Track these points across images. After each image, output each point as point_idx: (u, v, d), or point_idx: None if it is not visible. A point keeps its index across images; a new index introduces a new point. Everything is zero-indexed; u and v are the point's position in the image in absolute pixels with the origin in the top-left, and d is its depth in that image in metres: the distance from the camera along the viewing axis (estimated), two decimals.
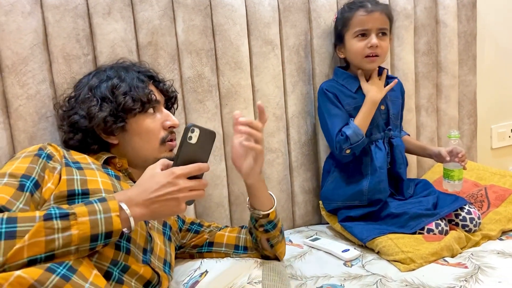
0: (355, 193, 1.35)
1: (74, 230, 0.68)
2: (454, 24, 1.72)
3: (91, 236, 0.69)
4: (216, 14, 1.30)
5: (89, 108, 0.96)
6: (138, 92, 0.98)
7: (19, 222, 0.65)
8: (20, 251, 0.63)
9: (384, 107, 1.39)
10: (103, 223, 0.70)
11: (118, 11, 1.17)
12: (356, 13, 1.31)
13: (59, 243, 0.66)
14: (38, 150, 0.86)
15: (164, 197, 0.76)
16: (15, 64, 1.07)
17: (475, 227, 1.27)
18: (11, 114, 1.08)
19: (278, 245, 1.11)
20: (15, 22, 1.06)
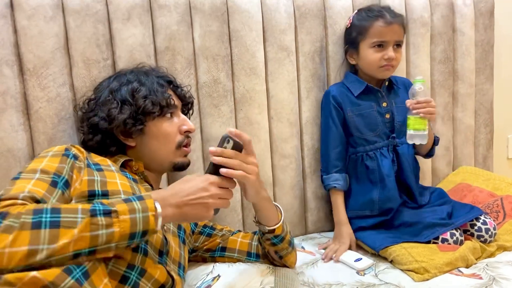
0: (365, 203, 1.35)
1: (116, 227, 0.71)
2: (471, 33, 1.70)
3: (130, 234, 0.72)
4: (233, 20, 1.32)
5: (109, 110, 0.99)
6: (157, 96, 1.01)
7: (63, 213, 0.68)
8: (67, 245, 0.66)
9: (389, 115, 1.38)
10: (141, 222, 0.73)
11: (137, 17, 1.20)
12: (375, 23, 1.30)
13: (102, 239, 0.69)
14: (65, 151, 0.88)
15: (196, 201, 0.80)
16: (36, 67, 1.10)
17: (490, 238, 1.26)
18: (31, 116, 1.11)
19: (287, 257, 1.11)
20: (37, 27, 1.09)
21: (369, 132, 1.37)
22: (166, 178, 1.29)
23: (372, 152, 1.37)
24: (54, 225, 0.66)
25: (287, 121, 1.43)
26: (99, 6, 1.16)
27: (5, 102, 1.08)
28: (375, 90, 1.39)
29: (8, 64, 1.08)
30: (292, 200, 1.47)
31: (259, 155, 1.39)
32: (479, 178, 1.61)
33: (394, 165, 1.39)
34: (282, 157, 1.44)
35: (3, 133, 1.08)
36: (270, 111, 1.41)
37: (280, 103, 1.42)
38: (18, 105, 1.09)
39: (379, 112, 1.38)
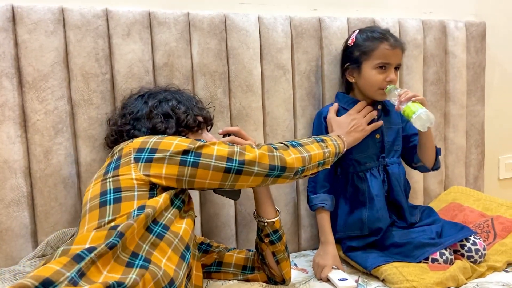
0: (354, 223, 1.35)
1: (330, 147, 1.13)
2: (463, 56, 1.74)
3: (335, 152, 1.14)
4: (231, 38, 1.34)
5: (155, 124, 1.07)
6: (196, 112, 1.13)
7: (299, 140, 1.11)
8: (316, 155, 1.07)
9: (379, 136, 1.40)
10: (339, 147, 1.17)
11: (137, 33, 1.22)
12: (380, 46, 1.32)
13: (327, 154, 1.10)
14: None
15: (354, 127, 1.30)
16: (35, 80, 1.11)
17: (480, 258, 1.27)
18: (29, 128, 1.12)
19: (283, 263, 1.12)
20: (38, 41, 1.11)
21: (359, 153, 1.37)
22: None
23: (362, 172, 1.38)
24: (303, 144, 1.08)
25: (282, 138, 1.45)
26: (99, 22, 1.18)
27: (3, 114, 1.08)
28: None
29: (8, 76, 1.09)
30: (285, 217, 1.48)
31: None
32: (470, 198, 1.63)
33: (385, 185, 1.40)
34: None
35: (0, 144, 1.08)
36: (266, 128, 1.43)
37: (275, 120, 1.44)
38: (16, 117, 1.10)
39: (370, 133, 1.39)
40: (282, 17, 1.42)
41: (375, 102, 1.42)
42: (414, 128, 1.37)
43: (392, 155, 1.42)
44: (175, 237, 0.86)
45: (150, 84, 1.23)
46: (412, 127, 1.39)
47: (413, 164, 1.49)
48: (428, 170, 1.47)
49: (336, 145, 1.16)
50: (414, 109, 1.23)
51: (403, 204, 1.40)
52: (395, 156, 1.43)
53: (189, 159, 0.91)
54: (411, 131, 1.46)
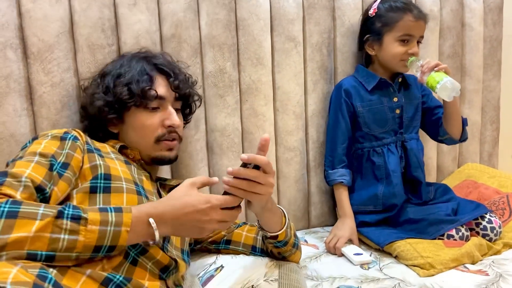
0: (369, 198, 1.33)
1: (81, 236, 0.66)
2: (480, 28, 1.68)
3: (95, 246, 0.68)
4: (240, 8, 1.30)
5: (93, 95, 1.00)
6: (137, 85, 0.97)
7: (23, 205, 0.65)
8: (23, 240, 0.62)
9: (399, 110, 1.37)
10: (111, 236, 0.69)
11: (144, 2, 1.17)
12: (404, 17, 1.27)
13: (63, 245, 0.65)
14: (64, 133, 0.87)
15: (192, 222, 0.76)
16: (40, 51, 1.08)
17: (495, 236, 1.24)
18: (35, 101, 1.09)
19: (291, 257, 1.09)
20: (42, 10, 1.07)
21: (377, 128, 1.36)
22: (170, 167, 1.27)
23: (379, 148, 1.36)
24: (11, 215, 0.63)
25: (292, 114, 1.41)
26: None
27: (8, 86, 1.06)
28: (387, 84, 1.37)
29: (12, 47, 1.06)
30: (295, 194, 1.45)
31: None
32: (484, 175, 1.59)
33: (402, 161, 1.37)
34: (287, 150, 1.42)
35: (6, 117, 1.06)
36: (276, 103, 1.39)
37: (286, 95, 1.40)
38: (22, 89, 1.07)
39: (389, 107, 1.36)
40: None
41: (395, 74, 1.38)
42: (437, 100, 1.33)
43: (410, 131, 1.39)
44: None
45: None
46: (435, 99, 1.35)
47: (439, 138, 1.45)
48: (456, 142, 1.43)
49: (109, 233, 0.68)
50: (438, 79, 1.18)
51: (421, 179, 1.39)
52: (414, 132, 1.41)
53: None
54: (434, 103, 1.43)
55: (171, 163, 1.07)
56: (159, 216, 0.74)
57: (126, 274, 0.75)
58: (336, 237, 1.27)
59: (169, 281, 0.85)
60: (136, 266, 0.79)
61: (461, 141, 1.42)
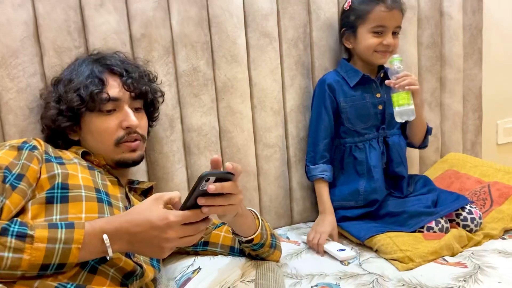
0: (351, 193, 1.33)
1: (26, 255, 0.65)
2: (459, 17, 1.67)
3: (42, 264, 0.66)
4: (212, 5, 1.27)
5: (46, 104, 1.00)
6: (86, 90, 0.95)
7: None
8: None
9: (382, 106, 1.36)
10: (59, 253, 0.67)
11: (111, 3, 1.15)
12: (375, 8, 1.26)
13: (6, 263, 0.64)
14: (22, 143, 0.86)
15: (149, 240, 0.72)
16: (5, 57, 1.06)
17: (476, 227, 1.24)
18: (1, 107, 1.07)
19: (270, 257, 1.08)
20: (4, 14, 1.05)
21: (360, 123, 1.35)
22: (146, 169, 1.26)
23: (361, 143, 1.35)
24: None
25: (270, 110, 1.40)
26: None
27: None
28: (370, 80, 1.36)
29: None
30: (277, 190, 1.44)
31: (242, 145, 1.36)
32: (466, 165, 1.59)
33: (384, 157, 1.37)
34: (266, 147, 1.41)
35: None
36: (253, 100, 1.38)
37: (263, 91, 1.38)
38: None
39: (372, 103, 1.35)
40: None
41: (378, 68, 1.37)
42: None
43: (392, 126, 1.39)
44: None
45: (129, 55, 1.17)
46: None
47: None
48: (415, 147, 1.47)
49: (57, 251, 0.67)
50: (401, 102, 1.24)
51: (403, 174, 1.39)
52: (396, 127, 1.40)
53: None
54: None
55: (136, 165, 1.04)
56: (114, 232, 0.71)
57: (84, 282, 0.74)
58: (317, 233, 1.26)
59: (132, 286, 0.84)
60: (96, 274, 0.77)
61: (420, 147, 1.46)
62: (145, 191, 1.11)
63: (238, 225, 0.96)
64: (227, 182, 0.77)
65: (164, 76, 1.23)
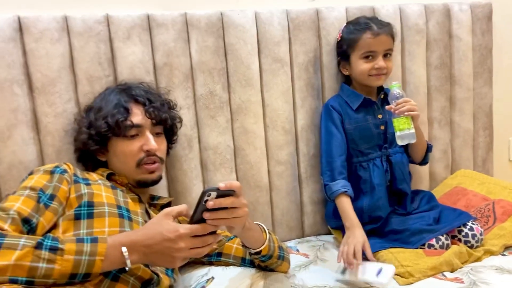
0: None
1: (57, 265, 0.76)
2: (468, 38, 1.72)
3: (70, 274, 0.77)
4: (228, 35, 1.39)
5: (79, 129, 1.15)
6: (113, 118, 1.09)
7: (7, 237, 0.77)
8: (5, 268, 0.73)
9: (384, 127, 1.43)
10: (85, 265, 0.78)
11: (137, 36, 1.28)
12: (362, 36, 1.35)
13: (41, 272, 0.75)
14: (54, 168, 1.00)
15: (162, 251, 0.82)
16: (44, 85, 1.20)
17: (477, 243, 1.29)
18: (41, 130, 1.21)
19: (278, 268, 1.17)
20: (44, 48, 1.19)
21: (363, 144, 1.42)
22: (167, 185, 1.37)
23: (365, 163, 1.42)
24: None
25: (282, 129, 1.49)
26: (101, 27, 1.24)
27: (16, 118, 1.18)
28: (371, 103, 1.43)
29: (19, 83, 1.17)
30: (288, 205, 1.53)
31: (255, 162, 1.46)
32: (474, 182, 1.63)
33: (387, 175, 1.43)
34: (278, 164, 1.50)
35: (15, 146, 1.18)
36: (266, 120, 1.48)
37: (275, 112, 1.48)
38: (28, 120, 1.19)
39: (374, 124, 1.42)
40: (279, 11, 1.45)
41: (377, 90, 1.45)
42: None
43: (395, 145, 1.44)
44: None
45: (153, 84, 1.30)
46: None
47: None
48: (415, 163, 1.52)
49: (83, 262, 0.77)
50: (402, 127, 1.30)
51: (406, 191, 1.44)
52: (398, 146, 1.46)
53: None
54: None
55: (155, 184, 1.16)
56: (131, 245, 0.82)
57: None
58: (351, 245, 1.21)
59: None
60: (118, 282, 0.89)
61: (420, 164, 1.51)
62: (164, 206, 1.23)
63: (246, 238, 1.05)
64: (227, 197, 0.85)
65: (184, 100, 1.35)
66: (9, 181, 1.18)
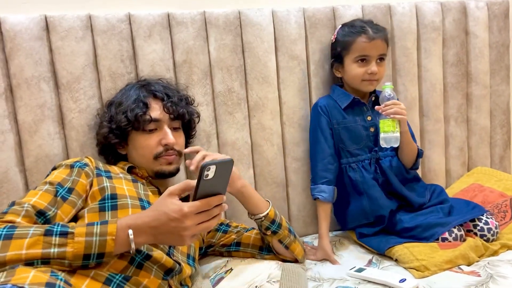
0: (358, 213, 1.39)
1: (69, 247, 0.78)
2: (485, 35, 1.73)
3: (84, 255, 0.79)
4: (246, 33, 1.42)
5: (101, 123, 1.19)
6: (132, 113, 1.12)
7: (18, 228, 0.80)
8: (18, 257, 0.76)
9: (374, 129, 1.42)
10: (97, 245, 0.79)
11: (157, 34, 1.32)
12: (357, 39, 1.35)
13: (54, 254, 0.77)
14: (74, 162, 1.05)
15: (170, 231, 0.82)
16: (69, 82, 1.24)
17: (493, 237, 1.30)
18: (66, 125, 1.25)
19: (292, 246, 1.20)
20: (69, 46, 1.23)
21: (352, 144, 1.42)
22: None
23: (354, 164, 1.42)
24: (7, 237, 0.77)
25: (298, 126, 1.51)
26: (123, 26, 1.29)
27: (43, 113, 1.22)
28: (361, 104, 1.43)
29: (45, 80, 1.22)
30: (304, 201, 1.55)
31: (272, 158, 1.49)
32: (491, 179, 1.63)
33: (378, 175, 1.41)
34: (295, 160, 1.52)
35: (41, 140, 1.23)
36: (283, 117, 1.50)
37: (291, 109, 1.50)
38: (54, 116, 1.24)
39: (363, 126, 1.42)
40: (296, 9, 1.48)
41: (369, 93, 1.45)
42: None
43: (385, 149, 1.42)
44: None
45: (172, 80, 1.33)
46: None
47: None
48: (406, 168, 1.46)
49: (95, 242, 0.79)
50: (386, 129, 1.30)
51: (404, 193, 1.41)
52: (389, 149, 1.44)
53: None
54: None
55: (172, 176, 1.19)
56: (138, 227, 0.83)
57: (132, 275, 0.89)
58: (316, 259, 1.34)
59: (172, 281, 0.98)
60: (141, 269, 0.92)
61: (411, 169, 1.46)
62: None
63: (249, 197, 1.16)
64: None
65: (202, 97, 1.39)
66: (36, 173, 1.22)
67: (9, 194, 1.20)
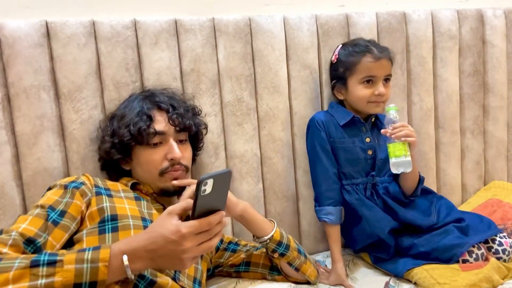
0: (364, 235, 1.30)
1: (58, 277, 0.70)
2: (502, 45, 1.66)
3: (74, 284, 0.71)
4: (256, 40, 1.35)
5: (102, 138, 1.12)
6: (135, 126, 1.05)
7: (3, 261, 0.72)
8: None
9: (372, 152, 1.34)
10: (88, 272, 0.71)
11: (164, 41, 1.25)
12: (363, 59, 1.27)
13: (41, 286, 0.69)
14: (69, 182, 0.97)
15: (168, 254, 0.75)
16: (70, 91, 1.18)
17: (508, 257, 1.23)
18: (66, 137, 1.18)
19: (303, 267, 1.12)
20: (71, 54, 1.17)
21: (349, 166, 1.33)
22: None
23: (348, 186, 1.33)
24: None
25: None
26: (128, 32, 1.22)
27: (42, 124, 1.16)
28: (360, 123, 1.35)
29: (45, 89, 1.16)
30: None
31: (282, 171, 1.42)
32: (510, 194, 1.57)
33: (374, 199, 1.33)
34: (305, 173, 1.45)
35: (40, 153, 1.16)
36: (294, 128, 1.44)
37: (303, 119, 1.43)
38: (54, 127, 1.17)
39: (361, 148, 1.33)
40: (308, 16, 1.41)
41: (368, 115, 1.37)
42: None
43: (383, 174, 1.35)
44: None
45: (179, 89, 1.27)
46: None
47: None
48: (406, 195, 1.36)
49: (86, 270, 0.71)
50: (398, 153, 1.21)
51: (407, 218, 1.31)
52: (387, 175, 1.35)
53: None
54: None
55: (178, 193, 1.09)
56: (133, 252, 0.75)
57: None
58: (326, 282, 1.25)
59: None
60: None
61: (410, 197, 1.35)
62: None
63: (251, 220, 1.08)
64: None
65: (211, 107, 1.32)
66: (34, 188, 1.15)
67: (5, 210, 1.13)
